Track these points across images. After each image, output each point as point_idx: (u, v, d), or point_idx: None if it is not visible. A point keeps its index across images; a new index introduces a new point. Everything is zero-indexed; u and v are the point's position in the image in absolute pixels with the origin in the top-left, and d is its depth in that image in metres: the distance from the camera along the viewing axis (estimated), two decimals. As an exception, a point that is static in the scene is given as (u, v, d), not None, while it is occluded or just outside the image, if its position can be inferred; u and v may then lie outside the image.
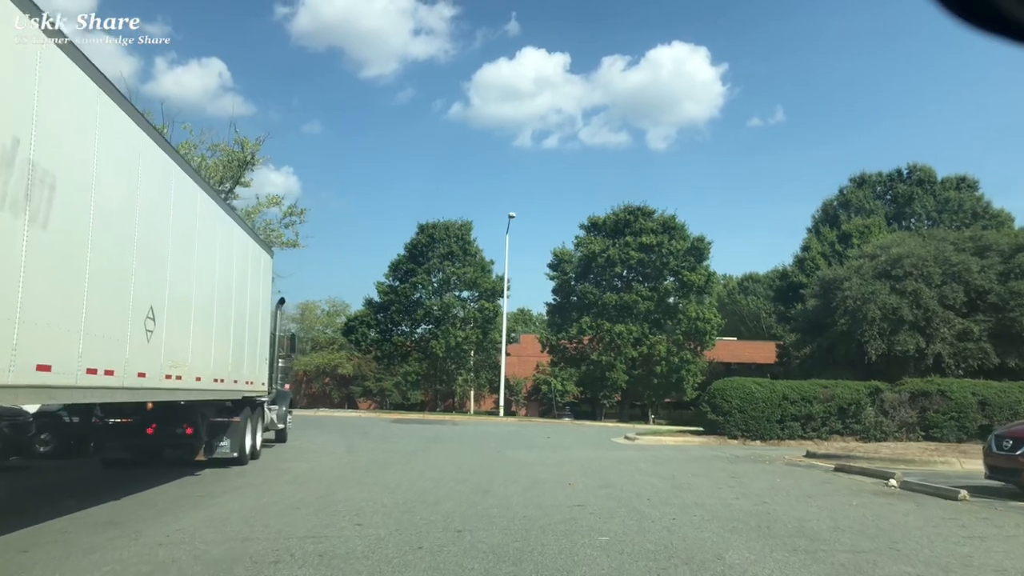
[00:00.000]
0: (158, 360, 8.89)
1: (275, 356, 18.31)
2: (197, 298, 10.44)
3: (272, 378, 18.11)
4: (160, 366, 8.96)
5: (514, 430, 27.93)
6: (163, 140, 9.58)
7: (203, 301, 10.82)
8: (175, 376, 9.55)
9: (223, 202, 12.93)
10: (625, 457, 16.21)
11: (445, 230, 48.06)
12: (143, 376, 8.42)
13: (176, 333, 9.59)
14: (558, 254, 46.49)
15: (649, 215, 44.59)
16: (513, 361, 70.22)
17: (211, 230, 11.26)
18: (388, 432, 24.61)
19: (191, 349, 10.21)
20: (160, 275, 8.94)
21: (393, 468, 13.48)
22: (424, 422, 32.82)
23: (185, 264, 9.93)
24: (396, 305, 47.42)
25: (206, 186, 11.59)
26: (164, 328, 9.00)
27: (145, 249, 8.36)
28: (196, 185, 10.49)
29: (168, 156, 9.49)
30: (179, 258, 9.61)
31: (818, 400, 20.83)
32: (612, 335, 42.61)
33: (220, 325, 11.80)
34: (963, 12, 1.71)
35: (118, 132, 7.78)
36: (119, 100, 7.85)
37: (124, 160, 8.01)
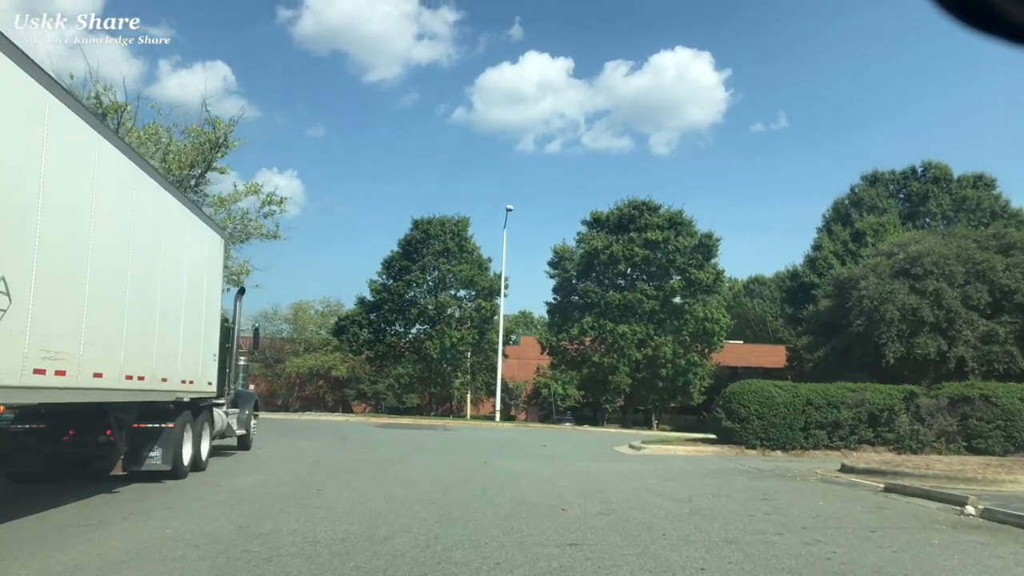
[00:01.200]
0: (17, 350, 6.72)
1: (232, 353, 16.16)
2: (96, 271, 8.27)
3: (228, 377, 15.95)
4: (21, 358, 6.79)
5: (509, 436, 25.74)
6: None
7: (106, 276, 8.65)
8: (53, 371, 7.37)
9: (148, 165, 10.77)
10: (630, 471, 14.00)
11: (441, 226, 45.88)
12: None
13: (54, 314, 7.42)
14: (559, 251, 44.30)
15: (655, 210, 42.40)
16: (513, 364, 68.09)
17: (121, 187, 9.09)
18: (371, 438, 22.46)
19: (84, 337, 8.03)
20: (18, 228, 6.77)
21: (355, 484, 11.31)
22: (414, 427, 30.64)
23: (70, 223, 7.75)
24: (389, 304, 45.24)
25: (116, 139, 9.44)
26: (30, 306, 6.84)
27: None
28: (93, 129, 8.31)
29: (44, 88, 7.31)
30: (59, 214, 7.43)
31: (846, 406, 18.61)
32: (615, 336, 40.36)
33: (138, 309, 9.63)
34: (961, 13, 1.72)
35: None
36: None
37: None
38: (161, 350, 10.56)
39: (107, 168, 8.63)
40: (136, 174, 9.59)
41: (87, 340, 8.10)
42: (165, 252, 10.70)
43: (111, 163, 8.76)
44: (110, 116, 23.29)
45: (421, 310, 44.71)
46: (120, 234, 9.06)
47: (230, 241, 27.02)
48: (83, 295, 8.01)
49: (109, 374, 8.78)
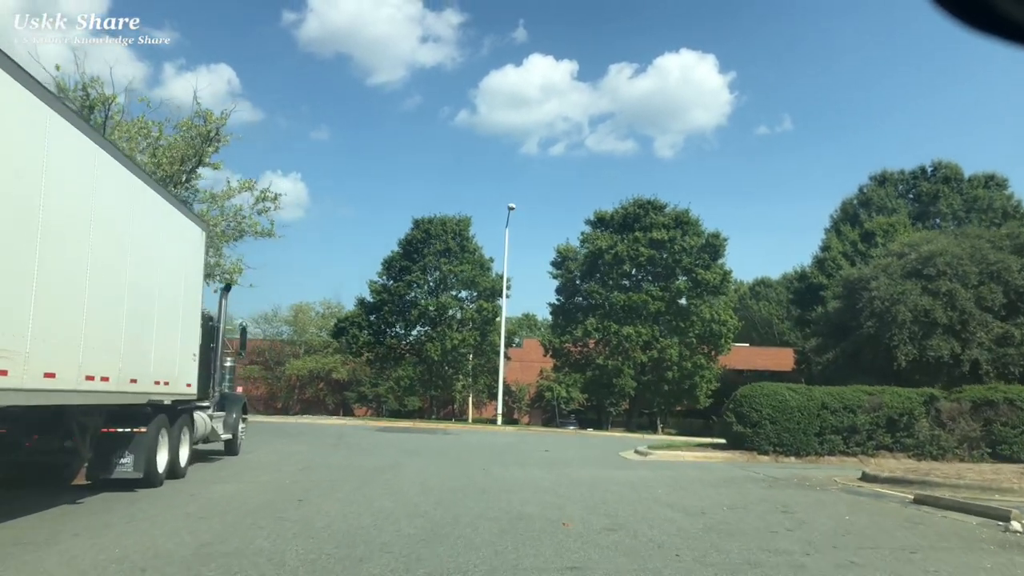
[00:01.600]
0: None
1: (217, 353, 15.35)
2: (47, 258, 7.46)
3: (212, 379, 15.15)
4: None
5: (510, 441, 24.88)
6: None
7: (59, 264, 7.83)
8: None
9: (114, 147, 9.96)
10: (637, 479, 13.14)
11: (442, 225, 45.06)
12: None
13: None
14: (562, 251, 43.45)
15: (660, 209, 41.52)
16: (516, 367, 67.23)
17: (78, 165, 8.28)
18: (367, 442, 21.61)
19: (31, 332, 7.21)
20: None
21: (340, 493, 10.48)
22: (413, 431, 29.80)
23: (14, 200, 6.93)
24: (389, 305, 44.44)
25: (70, 112, 8.63)
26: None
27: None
28: (40, 100, 7.48)
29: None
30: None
31: (863, 410, 17.71)
32: (620, 338, 39.49)
33: (101, 302, 8.81)
34: (960, 12, 1.71)
35: None
36: None
37: None
38: (130, 348, 9.73)
39: (60, 142, 7.81)
40: (98, 155, 8.76)
41: (35, 336, 7.26)
42: (135, 241, 9.87)
43: (64, 136, 7.94)
44: (97, 109, 22.55)
45: (422, 311, 43.89)
46: (77, 218, 8.24)
47: (223, 239, 26.29)
48: (29, 285, 7.19)
49: (64, 374, 7.95)
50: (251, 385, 67.98)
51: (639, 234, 40.20)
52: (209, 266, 26.07)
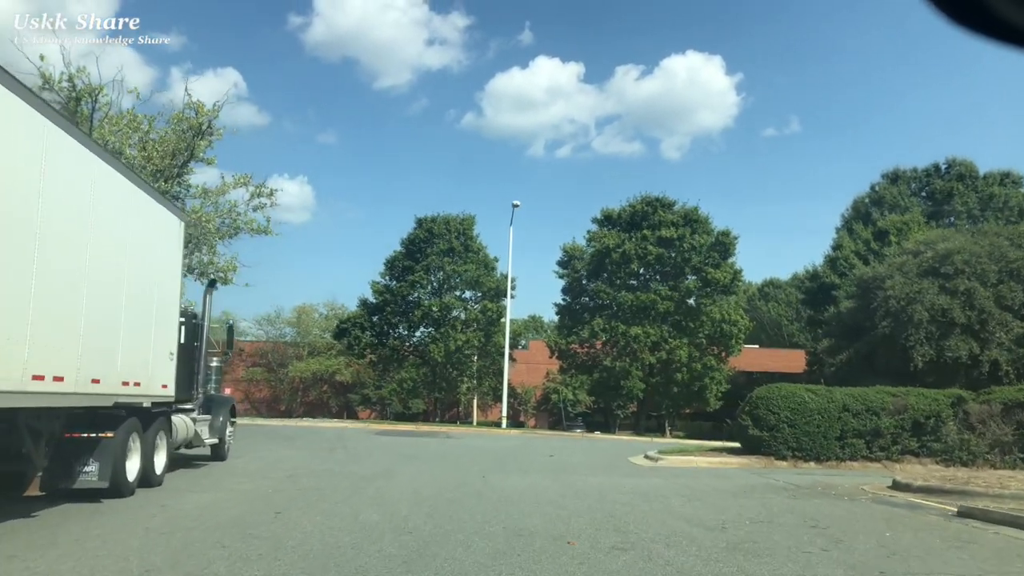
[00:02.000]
0: None
1: (201, 353, 14.46)
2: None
3: (196, 380, 14.26)
4: None
5: (514, 445, 23.95)
6: None
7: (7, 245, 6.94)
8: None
9: (67, 123, 9.06)
10: (649, 487, 12.17)
11: (445, 224, 44.16)
12: None
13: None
14: (568, 250, 42.45)
15: (669, 206, 40.52)
16: (521, 368, 66.24)
17: (20, 137, 7.38)
18: (364, 447, 20.71)
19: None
20: None
21: (325, 504, 9.56)
22: (415, 434, 28.89)
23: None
24: (392, 306, 43.57)
25: (13, 82, 7.73)
26: None
27: None
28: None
29: None
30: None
31: (887, 412, 16.69)
32: (627, 338, 38.47)
33: (52, 293, 7.91)
34: (955, 13, 1.72)
35: None
36: None
37: None
38: (91, 346, 8.83)
39: (32, 132, 6.91)
40: (48, 129, 7.86)
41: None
42: (96, 228, 8.97)
43: (42, 129, 7.07)
44: (84, 100, 21.75)
45: (425, 312, 42.98)
46: (20, 196, 7.34)
47: (217, 236, 25.46)
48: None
49: (6, 374, 7.06)
50: (254, 387, 67.28)
51: (647, 232, 39.22)
52: (202, 264, 25.33)
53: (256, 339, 67.55)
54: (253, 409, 67.39)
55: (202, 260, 25.02)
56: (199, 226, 23.75)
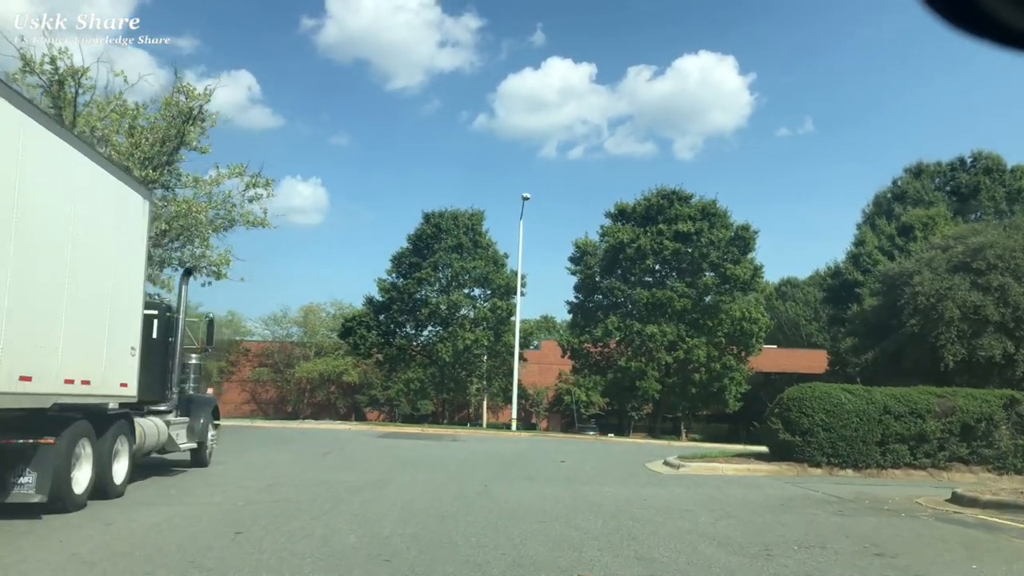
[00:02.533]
0: None
1: (176, 348, 13.13)
2: None
3: (170, 379, 12.96)
4: None
5: (523, 448, 22.52)
6: None
7: None
8: None
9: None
10: (672, 500, 10.72)
11: (453, 220, 42.80)
12: None
13: None
14: (580, 246, 40.97)
15: (686, 200, 38.98)
16: (533, 369, 64.80)
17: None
18: (362, 451, 19.36)
19: None
20: None
21: (297, 522, 8.19)
22: (419, 437, 27.53)
23: None
24: (399, 304, 42.24)
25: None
26: None
27: None
28: None
29: None
30: None
31: (932, 415, 15.15)
32: (643, 337, 36.96)
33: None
34: (951, 15, 1.72)
35: None
36: None
37: None
38: (17, 337, 7.50)
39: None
40: None
41: None
42: (30, 198, 7.65)
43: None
44: (67, 83, 20.53)
45: (432, 310, 41.63)
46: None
47: (210, 228, 24.19)
48: None
49: None
50: (260, 388, 66.21)
51: (663, 226, 37.70)
52: (195, 257, 24.03)
53: (262, 339, 66.50)
54: (260, 410, 66.30)
55: (194, 253, 23.75)
56: (190, 216, 22.50)
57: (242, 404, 65.90)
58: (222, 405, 55.37)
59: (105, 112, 21.45)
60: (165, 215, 22.42)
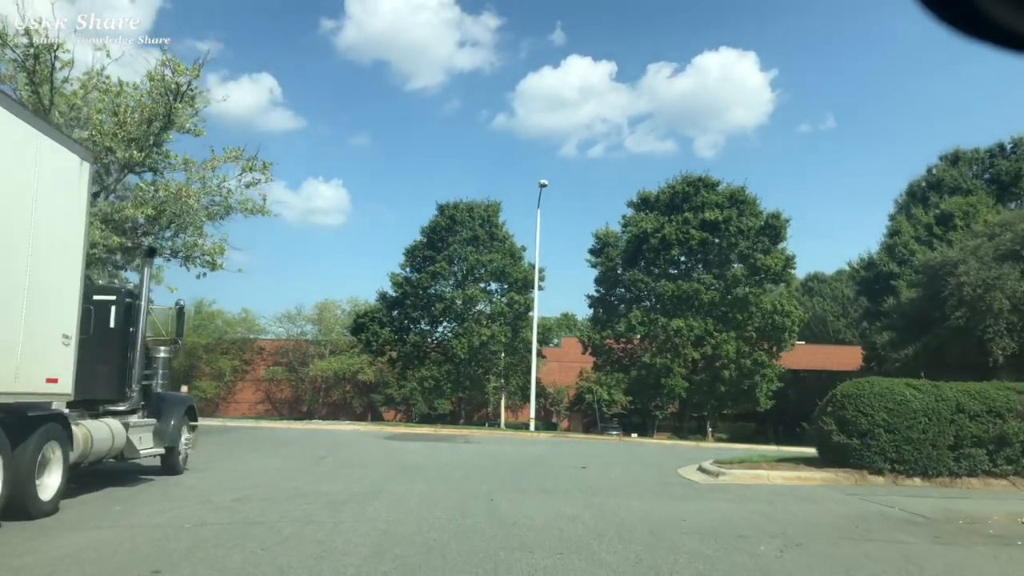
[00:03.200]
0: None
1: (137, 339, 11.38)
2: None
3: (131, 375, 11.22)
4: None
5: (540, 452, 20.62)
6: None
7: None
8: None
9: None
10: (718, 520, 8.75)
11: (469, 211, 40.98)
12: None
13: None
14: (601, 236, 38.96)
15: (713, 187, 36.86)
16: (554, 367, 62.89)
17: None
18: (362, 455, 17.57)
19: None
20: None
21: (237, 556, 6.35)
22: (430, 438, 25.73)
23: None
24: (412, 299, 40.48)
25: None
26: None
27: None
28: None
29: None
30: None
31: (1014, 414, 13.08)
32: (668, 332, 34.90)
33: None
34: (949, 16, 1.71)
35: None
36: None
37: None
38: None
39: None
40: None
41: None
42: None
43: None
44: (43, 57, 18.91)
45: (447, 305, 39.82)
46: None
47: (203, 215, 22.55)
48: None
49: None
50: (275, 387, 64.83)
51: (689, 215, 35.61)
52: (187, 246, 22.40)
53: (276, 337, 65.13)
54: (274, 410, 64.94)
55: (187, 242, 22.11)
56: (180, 202, 20.84)
57: (256, 404, 64.57)
58: (235, 405, 54.12)
59: (87, 89, 19.86)
60: (154, 200, 20.82)
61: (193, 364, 60.03)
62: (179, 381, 62.20)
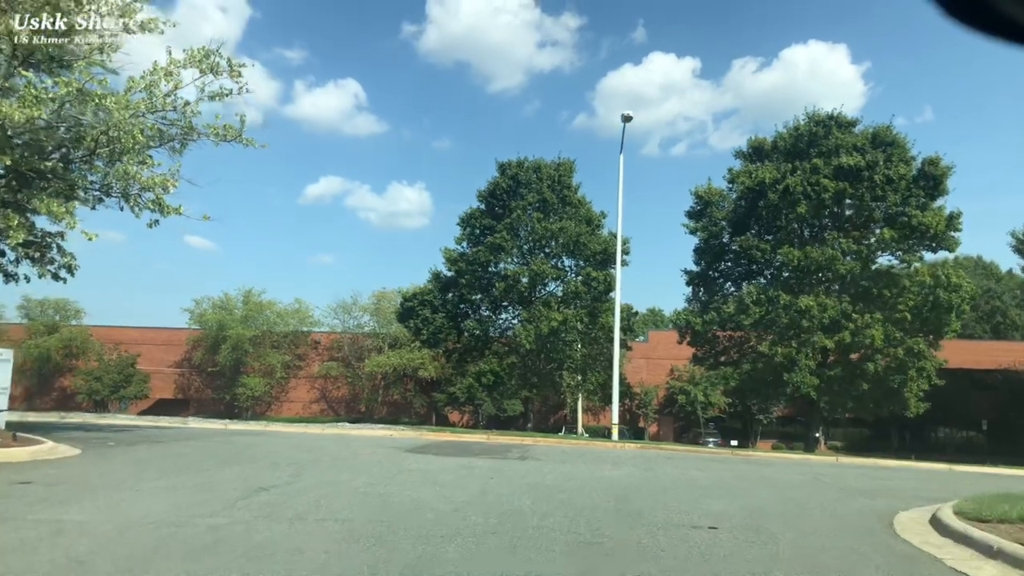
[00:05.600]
0: None
1: None
2: None
3: None
4: None
5: (624, 481, 13.13)
6: None
7: None
8: None
9: None
10: None
11: (536, 171, 33.82)
12: None
13: None
14: (702, 194, 31.03)
15: (849, 127, 28.58)
16: (640, 365, 55.10)
17: None
18: (324, 487, 10.60)
19: None
20: None
21: None
22: (473, 450, 18.69)
23: None
24: (468, 277, 33.57)
25: None
26: None
27: None
28: None
29: None
30: None
31: None
32: (793, 313, 26.83)
33: None
34: (962, 14, 1.75)
35: None
36: None
37: None
38: None
39: None
40: None
41: None
42: None
43: None
44: None
45: (510, 285, 32.66)
46: None
47: (153, 140, 16.21)
48: None
49: None
50: (331, 384, 59.16)
51: (818, 161, 27.41)
52: (118, 176, 16.00)
53: (331, 330, 59.48)
54: (330, 410, 59.28)
55: (125, 171, 15.68)
56: (108, 113, 14.50)
57: (311, 403, 59.04)
58: (288, 405, 47.55)
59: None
60: (54, 99, 14.35)
61: (239, 359, 54.92)
62: (226, 378, 57.46)
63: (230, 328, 53.42)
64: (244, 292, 57.55)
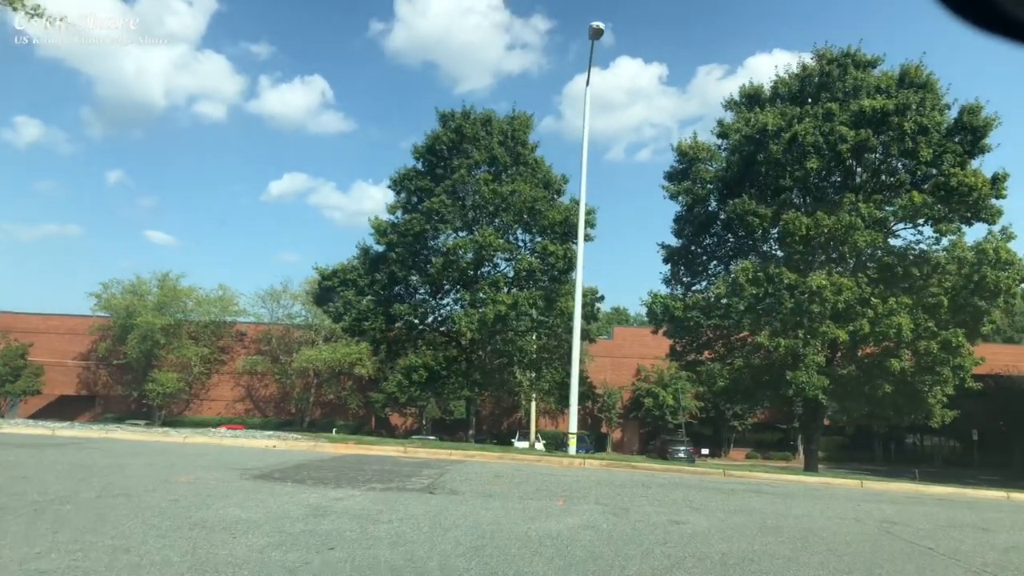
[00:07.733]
0: None
1: None
2: None
3: None
4: None
5: (581, 544, 7.27)
6: None
7: None
8: None
9: None
10: None
11: (484, 125, 27.92)
12: None
13: None
14: (686, 151, 25.30)
15: (869, 66, 23.17)
16: (604, 363, 49.57)
17: None
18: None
19: None
20: None
21: None
22: (364, 474, 12.57)
23: None
24: (400, 251, 27.49)
25: None
26: None
27: None
28: None
29: None
30: None
31: None
32: (798, 295, 21.29)
33: None
34: (967, 13, 1.76)
35: None
36: None
37: None
38: None
39: None
40: None
41: None
42: None
43: None
44: None
45: (450, 260, 26.62)
46: None
47: None
48: None
49: None
50: (258, 382, 52.58)
51: (832, 105, 21.88)
52: None
53: (258, 320, 52.90)
54: (256, 410, 52.56)
55: None
56: None
57: (235, 403, 52.28)
58: (209, 404, 39.33)
59: None
60: None
61: (150, 351, 48.06)
62: (136, 372, 50.55)
63: (139, 315, 46.62)
64: (160, 276, 50.80)
